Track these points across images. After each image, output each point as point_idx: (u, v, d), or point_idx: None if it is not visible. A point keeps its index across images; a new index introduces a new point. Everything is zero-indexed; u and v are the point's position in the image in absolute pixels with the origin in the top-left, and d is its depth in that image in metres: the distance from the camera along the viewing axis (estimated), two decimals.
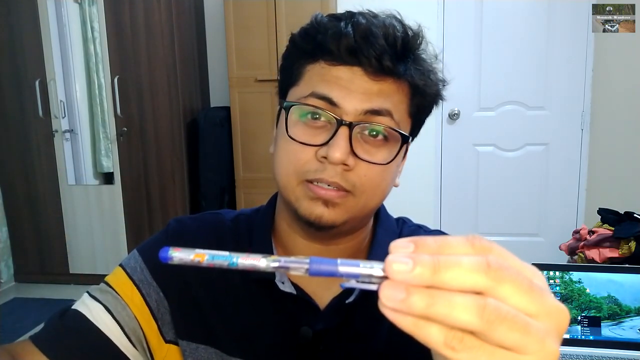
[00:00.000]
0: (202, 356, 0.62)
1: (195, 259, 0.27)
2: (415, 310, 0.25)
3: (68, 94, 3.13)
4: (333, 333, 0.60)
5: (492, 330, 0.25)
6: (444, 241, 0.27)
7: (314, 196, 0.54)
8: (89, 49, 3.08)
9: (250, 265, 0.27)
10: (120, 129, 3.00)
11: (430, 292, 0.25)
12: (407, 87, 0.57)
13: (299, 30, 0.59)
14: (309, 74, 0.57)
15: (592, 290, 1.18)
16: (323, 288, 0.62)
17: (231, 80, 2.99)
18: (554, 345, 0.26)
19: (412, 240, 0.27)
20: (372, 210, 0.60)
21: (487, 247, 0.27)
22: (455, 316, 0.25)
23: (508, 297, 0.26)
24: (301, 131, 0.55)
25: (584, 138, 3.07)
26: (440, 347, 0.26)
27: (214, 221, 0.68)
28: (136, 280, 0.62)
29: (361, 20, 0.54)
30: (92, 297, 0.61)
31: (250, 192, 3.07)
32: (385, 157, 0.56)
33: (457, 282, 0.25)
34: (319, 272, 0.27)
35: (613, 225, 2.23)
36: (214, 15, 3.30)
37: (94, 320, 0.59)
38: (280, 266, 0.27)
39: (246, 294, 0.62)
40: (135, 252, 0.66)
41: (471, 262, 0.26)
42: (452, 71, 2.72)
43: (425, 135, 3.45)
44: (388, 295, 0.25)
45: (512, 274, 0.26)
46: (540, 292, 0.26)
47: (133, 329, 0.60)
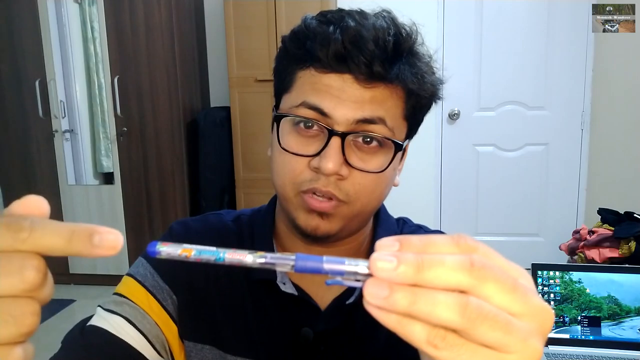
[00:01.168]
0: (206, 356, 0.62)
1: (182, 253, 0.27)
2: (398, 307, 0.25)
3: (68, 94, 3.13)
4: (334, 334, 0.60)
5: (474, 329, 0.25)
6: (429, 240, 0.27)
7: (309, 208, 0.54)
8: (89, 49, 3.08)
9: (237, 260, 0.28)
10: (120, 129, 3.00)
11: (413, 290, 0.25)
12: (401, 90, 0.55)
13: (290, 34, 0.58)
14: (300, 81, 0.56)
15: (592, 290, 1.18)
16: (324, 289, 0.62)
17: (231, 80, 2.99)
18: (537, 345, 0.26)
19: (397, 239, 0.27)
20: (369, 214, 0.60)
21: (472, 246, 0.27)
22: (437, 314, 0.25)
23: (491, 296, 0.26)
24: (294, 141, 0.55)
25: (584, 138, 3.07)
26: (423, 345, 0.26)
27: (217, 223, 0.67)
28: (149, 287, 0.61)
29: (350, 23, 0.52)
30: (109, 311, 0.59)
31: (250, 192, 3.07)
32: (380, 163, 0.55)
33: (441, 281, 0.25)
34: (305, 269, 0.27)
35: (613, 225, 2.23)
36: (214, 15, 3.30)
37: (117, 333, 0.57)
38: (266, 262, 0.28)
39: (249, 295, 0.62)
40: (141, 260, 0.65)
41: (455, 261, 0.26)
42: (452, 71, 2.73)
43: (425, 135, 3.43)
44: (372, 293, 0.25)
45: (496, 273, 0.26)
46: (525, 292, 0.26)
47: (156, 336, 0.60)
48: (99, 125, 3.15)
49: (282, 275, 0.61)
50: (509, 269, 0.28)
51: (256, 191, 3.04)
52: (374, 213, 0.62)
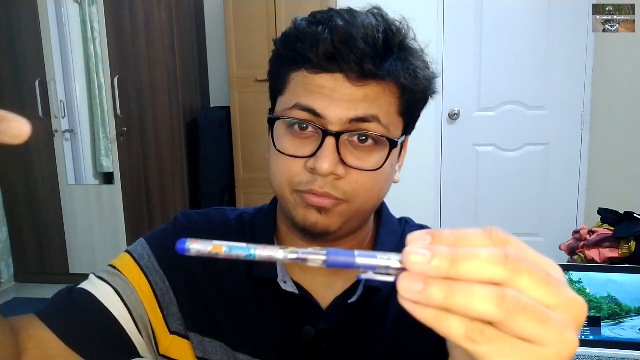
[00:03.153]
0: (210, 349, 0.62)
1: (213, 250, 0.27)
2: (434, 301, 0.25)
3: (68, 94, 3.13)
4: (336, 333, 0.60)
5: (512, 321, 0.25)
6: (461, 233, 0.27)
7: (308, 204, 0.55)
8: (89, 49, 3.08)
9: (268, 256, 0.27)
10: (120, 129, 3.00)
11: (449, 283, 0.25)
12: (394, 86, 0.55)
13: (281, 36, 0.58)
14: (293, 82, 0.56)
15: (592, 290, 1.18)
16: (326, 288, 0.62)
17: (231, 80, 2.99)
18: (573, 337, 0.26)
19: (430, 233, 0.27)
20: (368, 212, 0.60)
21: (504, 239, 0.27)
22: (474, 306, 0.25)
23: (526, 288, 0.25)
24: (289, 142, 0.55)
25: (584, 138, 3.07)
26: (461, 340, 0.25)
27: (220, 218, 0.68)
28: (143, 267, 0.62)
29: (339, 22, 0.52)
30: (100, 279, 0.60)
31: (250, 192, 3.07)
32: (377, 161, 0.55)
33: (475, 274, 0.25)
34: (336, 264, 0.27)
35: (613, 225, 2.23)
36: (214, 15, 3.30)
37: (103, 301, 0.58)
38: (298, 257, 0.27)
39: (251, 292, 0.62)
40: (142, 241, 0.65)
41: (489, 254, 0.25)
42: (452, 71, 2.73)
43: (425, 135, 3.43)
44: (406, 287, 0.25)
45: (530, 266, 0.26)
46: (558, 284, 0.26)
47: (140, 315, 0.60)
48: (99, 125, 3.15)
49: (283, 273, 0.61)
50: (541, 262, 0.28)
51: (256, 191, 3.04)
52: (374, 211, 0.62)
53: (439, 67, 0.62)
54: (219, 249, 0.27)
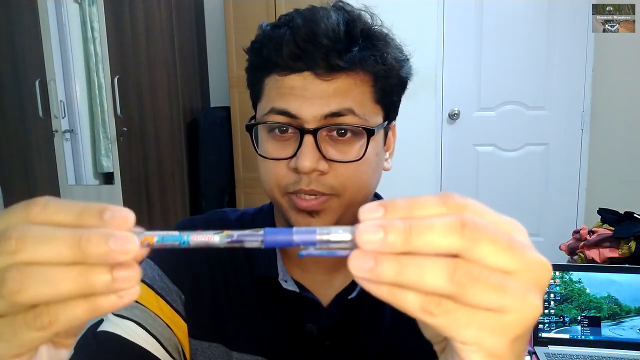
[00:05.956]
0: (212, 354, 0.62)
1: (144, 241, 0.26)
2: (385, 278, 0.24)
3: (68, 94, 3.13)
4: (337, 329, 0.61)
5: (466, 293, 0.24)
6: (415, 202, 0.26)
7: (298, 209, 0.55)
8: (89, 49, 3.08)
9: (203, 242, 0.27)
10: (120, 129, 3.00)
11: (399, 258, 0.24)
12: (365, 75, 0.55)
13: (250, 45, 0.59)
14: (267, 88, 0.57)
15: (592, 290, 1.18)
16: (326, 285, 0.62)
17: (231, 80, 2.98)
18: (535, 301, 0.25)
19: (382, 204, 0.26)
20: (361, 203, 0.60)
21: (461, 204, 0.26)
22: (425, 281, 0.24)
23: (486, 256, 0.25)
24: (272, 146, 0.56)
25: (584, 138, 3.07)
26: (418, 313, 0.25)
27: (221, 220, 0.69)
28: (158, 290, 0.62)
29: (299, 22, 0.53)
30: (119, 316, 0.59)
31: (250, 192, 3.07)
32: (358, 152, 0.55)
33: (431, 247, 0.24)
34: (275, 243, 0.26)
35: (613, 225, 2.23)
36: (214, 15, 3.30)
37: (130, 337, 0.57)
38: (233, 240, 0.26)
39: (254, 292, 0.63)
40: (148, 262, 0.65)
41: (444, 224, 0.24)
42: (452, 71, 2.73)
43: (425, 135, 3.43)
44: (356, 265, 0.24)
45: (489, 232, 0.25)
46: (520, 247, 0.25)
47: (168, 338, 0.60)
48: (99, 125, 3.15)
49: (283, 272, 0.62)
50: (502, 224, 0.27)
51: (256, 191, 3.04)
52: (366, 201, 0.62)
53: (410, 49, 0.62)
54: (151, 239, 0.27)
